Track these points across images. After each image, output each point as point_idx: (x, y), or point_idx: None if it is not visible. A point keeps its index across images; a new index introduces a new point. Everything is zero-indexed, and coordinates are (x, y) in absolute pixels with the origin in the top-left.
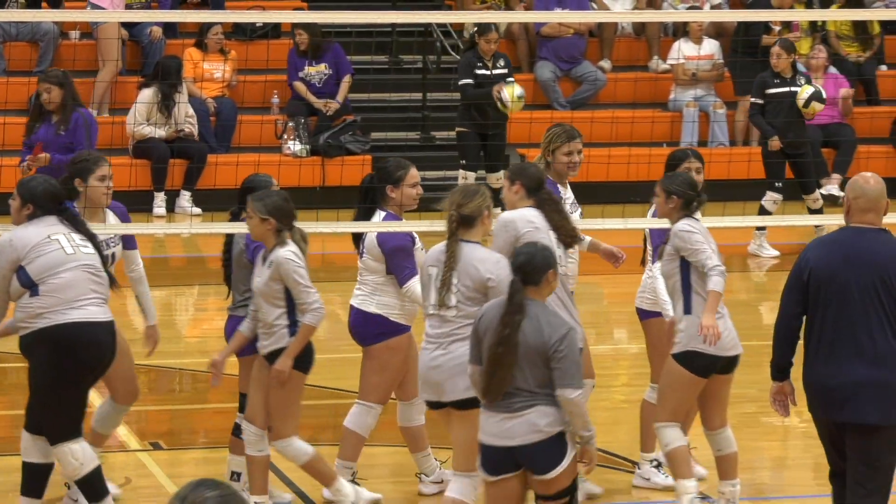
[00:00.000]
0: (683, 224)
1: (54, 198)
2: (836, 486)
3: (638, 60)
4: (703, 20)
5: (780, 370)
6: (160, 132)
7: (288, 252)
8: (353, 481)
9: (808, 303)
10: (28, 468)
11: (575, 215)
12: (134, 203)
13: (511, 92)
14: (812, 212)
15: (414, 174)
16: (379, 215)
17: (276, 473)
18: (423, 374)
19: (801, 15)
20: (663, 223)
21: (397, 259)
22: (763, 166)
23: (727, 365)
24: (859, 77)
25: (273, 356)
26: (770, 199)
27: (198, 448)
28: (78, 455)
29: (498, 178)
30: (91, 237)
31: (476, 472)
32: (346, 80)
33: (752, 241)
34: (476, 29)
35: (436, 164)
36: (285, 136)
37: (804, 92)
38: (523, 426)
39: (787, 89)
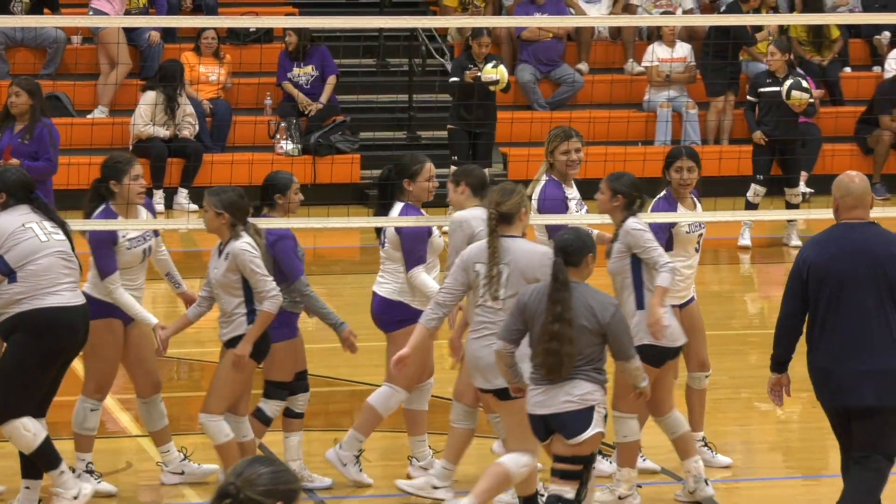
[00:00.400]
0: (634, 223)
1: (25, 186)
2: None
3: (614, 63)
4: (675, 24)
5: (780, 364)
6: (163, 132)
7: (243, 244)
8: (357, 456)
9: (809, 298)
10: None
11: (581, 213)
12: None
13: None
14: (789, 206)
15: (429, 169)
16: (397, 207)
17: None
18: (473, 361)
19: (769, 19)
20: (658, 217)
21: (409, 245)
22: (751, 160)
23: (674, 354)
24: (823, 79)
25: (232, 343)
26: (753, 191)
27: (195, 434)
28: (29, 426)
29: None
30: (62, 224)
31: (531, 452)
32: (331, 81)
33: (741, 235)
34: (470, 33)
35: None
36: (278, 136)
37: (784, 86)
38: (560, 396)
39: (778, 88)
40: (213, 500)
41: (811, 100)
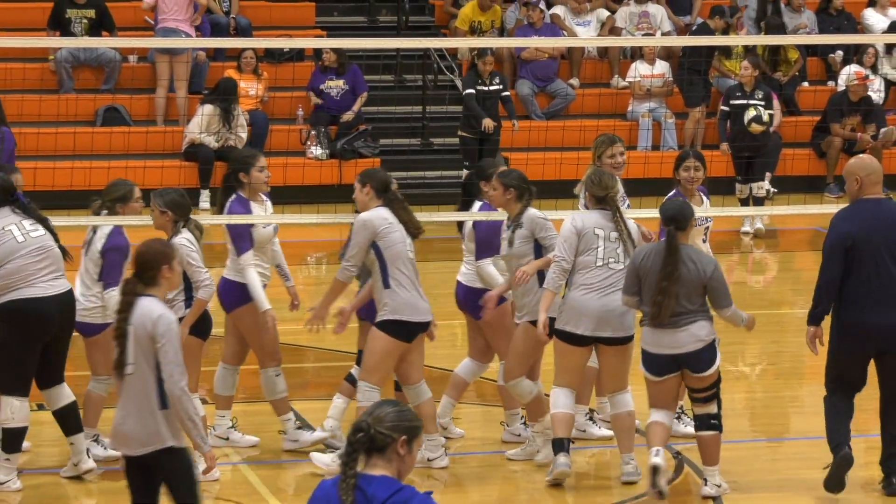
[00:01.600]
0: (536, 212)
1: (5, 191)
2: (840, 397)
3: (601, 78)
4: (654, 45)
5: (819, 318)
6: (214, 143)
7: (183, 239)
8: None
9: (848, 263)
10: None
11: (623, 206)
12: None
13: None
14: (754, 199)
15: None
16: (476, 205)
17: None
18: (597, 314)
19: (736, 40)
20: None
21: (482, 238)
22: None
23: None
24: (782, 92)
25: None
26: (738, 189)
27: (237, 403)
28: (15, 410)
29: None
30: (42, 220)
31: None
32: (362, 97)
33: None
34: (476, 52)
35: (434, 165)
36: (309, 143)
37: (748, 114)
38: (689, 337)
39: (745, 101)
40: (349, 434)
41: (770, 128)
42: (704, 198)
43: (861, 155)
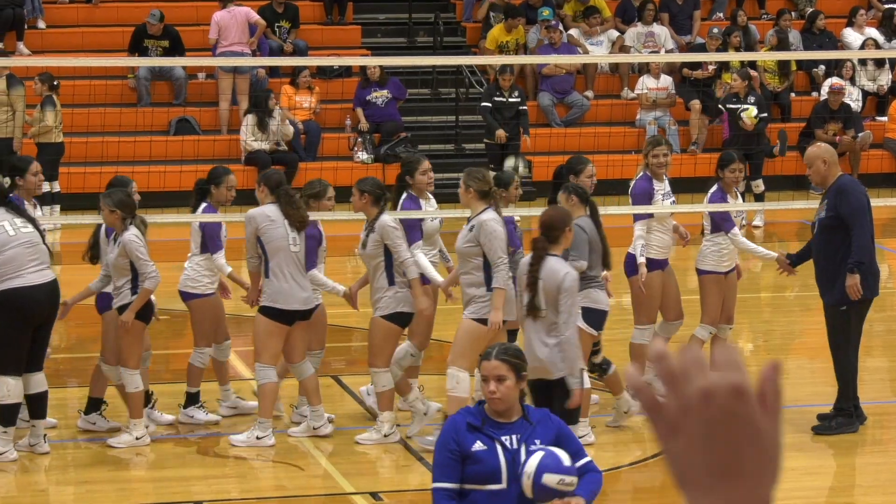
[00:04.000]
0: (388, 219)
1: (1, 193)
2: None
3: (613, 91)
4: (659, 61)
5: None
6: (263, 145)
7: (131, 235)
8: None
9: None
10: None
11: (667, 202)
12: (245, 200)
13: (749, 114)
14: (755, 195)
15: (589, 169)
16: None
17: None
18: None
19: (730, 56)
20: (711, 207)
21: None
22: None
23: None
24: (776, 102)
25: (121, 310)
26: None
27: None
28: (11, 388)
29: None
30: (31, 220)
31: None
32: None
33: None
34: (497, 69)
35: (466, 168)
36: (356, 149)
37: (742, 110)
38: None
39: (738, 106)
40: None
41: (755, 117)
42: (740, 195)
43: (818, 143)
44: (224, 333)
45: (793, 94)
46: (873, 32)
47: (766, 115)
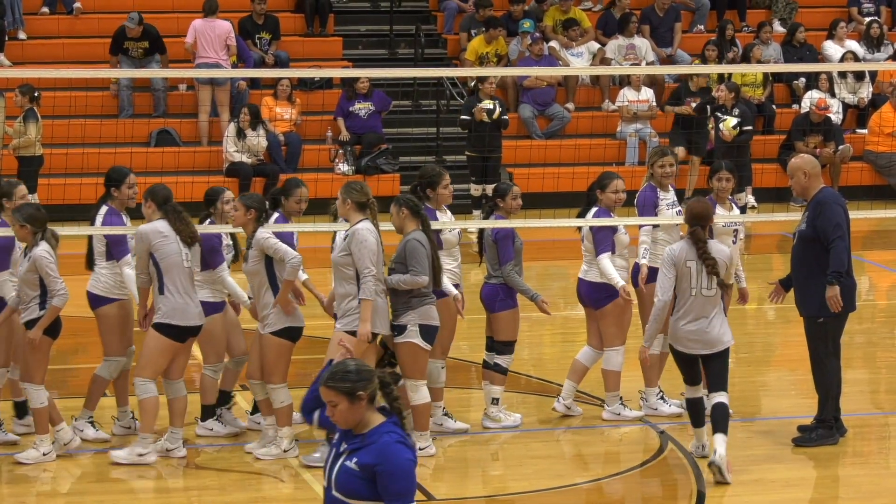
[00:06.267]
0: (263, 232)
1: None
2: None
3: (594, 103)
4: (640, 73)
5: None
6: (244, 158)
7: (41, 251)
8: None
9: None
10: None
11: (671, 212)
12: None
13: (727, 124)
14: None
15: (616, 184)
16: (593, 210)
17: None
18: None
19: (710, 69)
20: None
21: (599, 237)
22: None
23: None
24: (759, 113)
25: (29, 325)
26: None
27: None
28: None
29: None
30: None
31: None
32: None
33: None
34: (477, 79)
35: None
36: (336, 160)
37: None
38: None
39: (726, 116)
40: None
41: (734, 127)
42: (734, 205)
43: (801, 154)
44: (130, 341)
45: (773, 107)
46: (854, 45)
47: (750, 127)
